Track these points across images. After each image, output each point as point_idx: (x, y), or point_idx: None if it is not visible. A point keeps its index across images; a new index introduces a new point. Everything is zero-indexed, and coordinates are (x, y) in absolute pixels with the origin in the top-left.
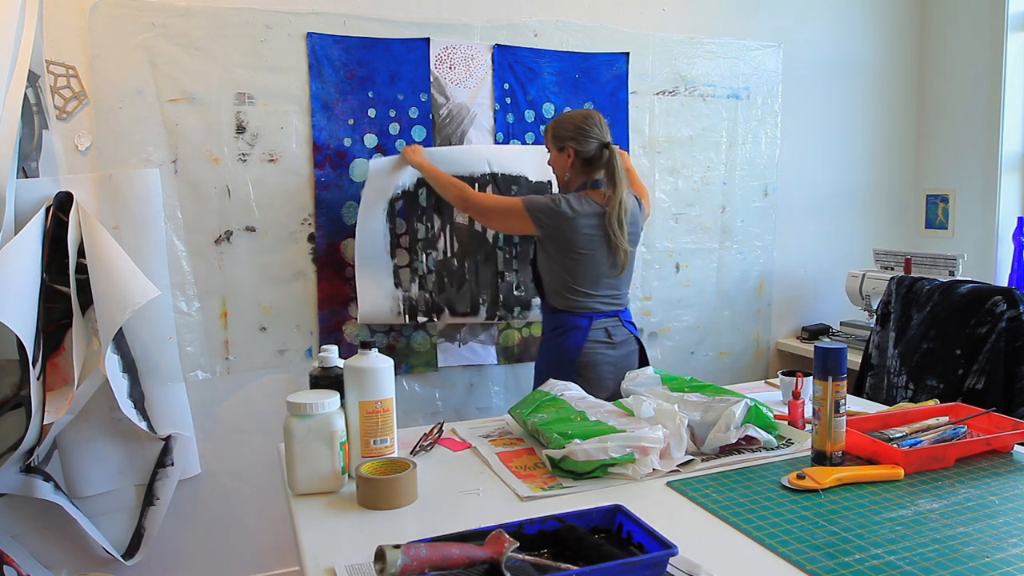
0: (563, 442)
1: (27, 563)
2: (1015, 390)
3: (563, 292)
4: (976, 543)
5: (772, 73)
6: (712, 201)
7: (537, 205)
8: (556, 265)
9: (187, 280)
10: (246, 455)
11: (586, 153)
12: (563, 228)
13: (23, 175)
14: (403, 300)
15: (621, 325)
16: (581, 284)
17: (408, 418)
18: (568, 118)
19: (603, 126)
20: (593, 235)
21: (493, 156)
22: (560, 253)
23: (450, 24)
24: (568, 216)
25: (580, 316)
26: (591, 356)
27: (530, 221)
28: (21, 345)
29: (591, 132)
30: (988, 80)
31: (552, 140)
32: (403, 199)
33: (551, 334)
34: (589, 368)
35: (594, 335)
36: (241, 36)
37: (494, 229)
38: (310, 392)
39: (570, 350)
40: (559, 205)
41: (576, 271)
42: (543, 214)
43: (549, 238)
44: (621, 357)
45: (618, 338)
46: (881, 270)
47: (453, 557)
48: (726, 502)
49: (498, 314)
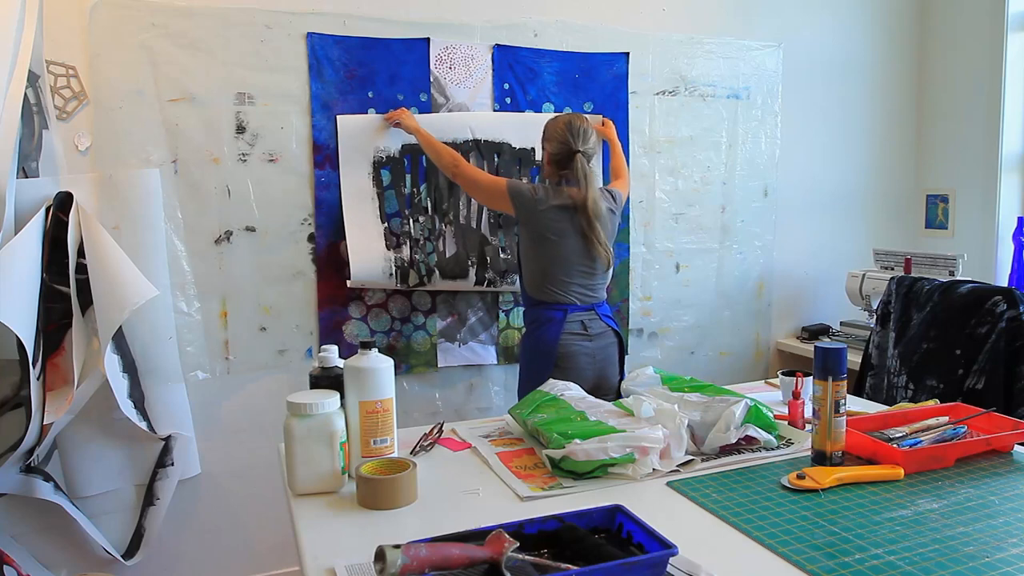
0: (563, 442)
1: (27, 563)
2: (1015, 390)
3: (539, 281)
4: (976, 543)
5: (772, 73)
6: (712, 201)
7: (517, 189)
8: (530, 251)
9: (187, 280)
10: (246, 455)
11: (557, 155)
12: (533, 214)
13: (23, 175)
14: (395, 262)
15: (598, 319)
16: (555, 272)
17: (408, 418)
18: (555, 121)
19: (580, 134)
20: (562, 225)
21: (476, 123)
22: (533, 239)
23: (450, 24)
24: (539, 203)
25: (555, 309)
26: (567, 347)
27: (510, 204)
28: (21, 345)
29: (565, 139)
30: (988, 80)
31: (542, 137)
32: (388, 164)
33: (529, 328)
34: (567, 359)
35: (569, 327)
36: (241, 36)
37: (479, 202)
38: (310, 392)
39: (547, 342)
40: (535, 193)
41: (549, 261)
42: (519, 199)
43: (523, 223)
44: (599, 349)
45: (595, 330)
46: (881, 270)
47: (453, 557)
48: (726, 502)
49: (487, 277)
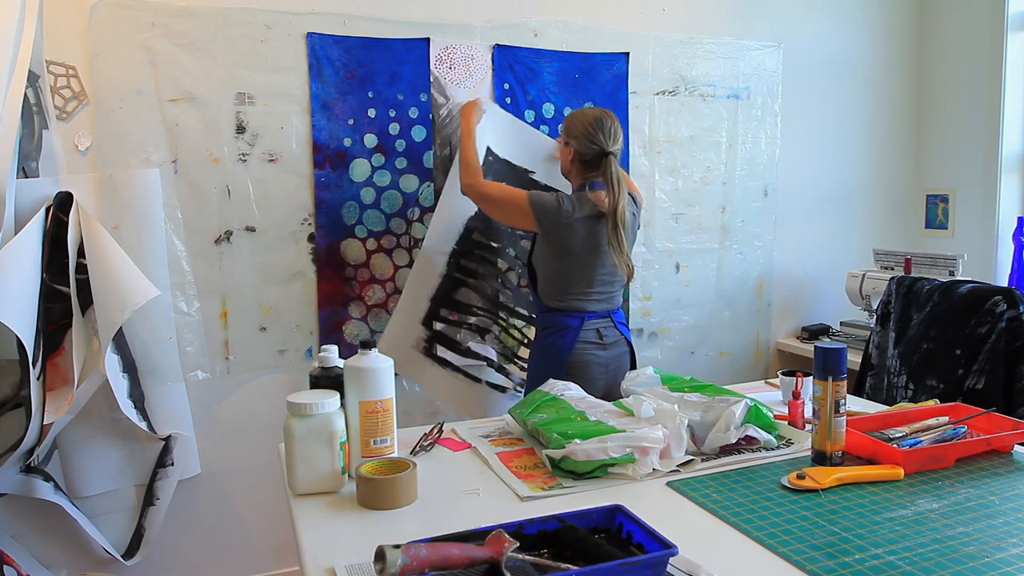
0: (563, 442)
1: (27, 563)
2: (1015, 390)
3: (556, 291)
4: (976, 543)
5: (772, 73)
6: (712, 201)
7: (541, 204)
8: (552, 263)
9: (187, 280)
10: (246, 455)
11: (585, 156)
12: (560, 228)
13: (23, 175)
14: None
15: (613, 326)
16: (575, 285)
17: (408, 418)
18: (581, 115)
19: (611, 134)
20: (589, 238)
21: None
22: (556, 252)
23: (450, 24)
24: (567, 216)
25: (572, 316)
26: (581, 356)
27: (532, 217)
28: (21, 345)
29: (595, 138)
30: (988, 80)
31: (563, 132)
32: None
33: (542, 333)
34: (579, 368)
35: (585, 335)
36: (241, 36)
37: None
38: (310, 392)
39: (560, 350)
40: (561, 204)
41: (570, 272)
42: (544, 212)
43: (547, 236)
44: (612, 359)
45: (609, 339)
46: (881, 270)
47: (453, 557)
48: (726, 502)
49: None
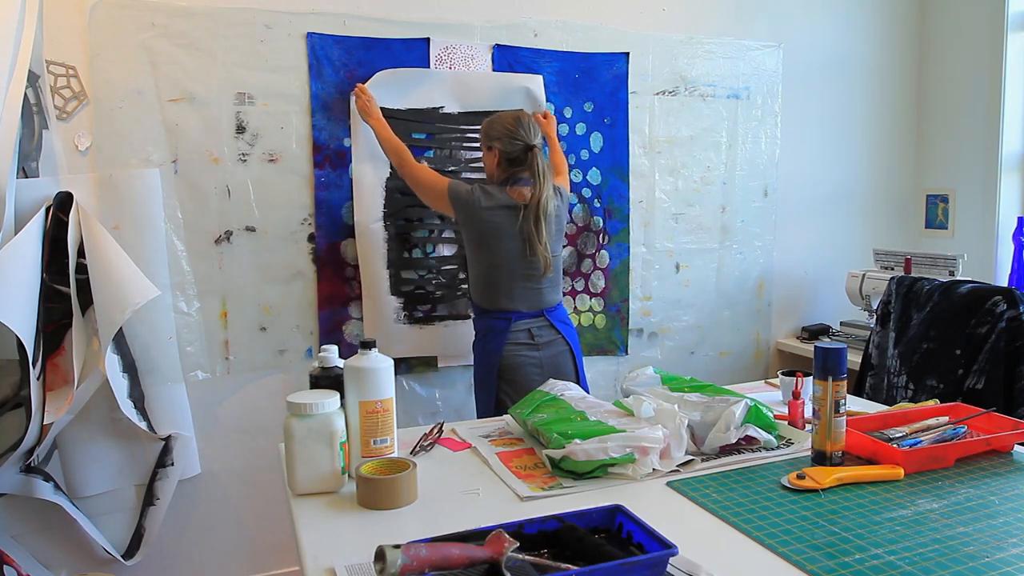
0: (563, 442)
1: (27, 563)
2: (1015, 390)
3: (484, 292)
4: (976, 543)
5: (772, 73)
6: (712, 201)
7: (456, 191)
8: (472, 255)
9: (187, 280)
10: (246, 455)
11: (511, 154)
12: (472, 217)
13: (23, 175)
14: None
15: (548, 325)
16: (500, 285)
17: (408, 418)
18: (499, 119)
19: (531, 128)
20: (501, 227)
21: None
22: (473, 243)
23: (450, 24)
24: (477, 206)
25: (499, 319)
26: (512, 359)
27: (448, 203)
28: (21, 345)
29: (517, 134)
30: (988, 80)
31: (483, 139)
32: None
33: (476, 337)
34: (511, 371)
35: (515, 337)
36: (241, 36)
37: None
38: (310, 392)
39: (491, 354)
40: (472, 195)
41: (488, 262)
42: (457, 198)
43: (463, 225)
44: (547, 359)
45: (543, 339)
46: (881, 270)
47: (453, 557)
48: (726, 502)
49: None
